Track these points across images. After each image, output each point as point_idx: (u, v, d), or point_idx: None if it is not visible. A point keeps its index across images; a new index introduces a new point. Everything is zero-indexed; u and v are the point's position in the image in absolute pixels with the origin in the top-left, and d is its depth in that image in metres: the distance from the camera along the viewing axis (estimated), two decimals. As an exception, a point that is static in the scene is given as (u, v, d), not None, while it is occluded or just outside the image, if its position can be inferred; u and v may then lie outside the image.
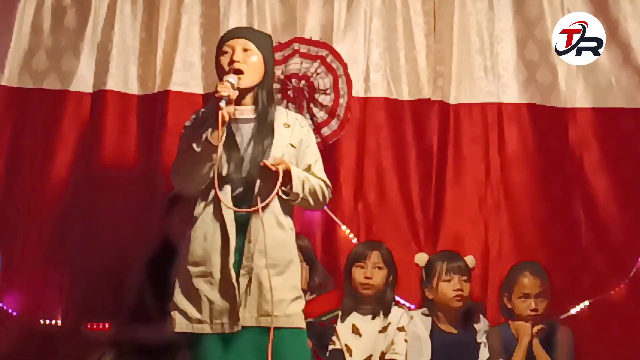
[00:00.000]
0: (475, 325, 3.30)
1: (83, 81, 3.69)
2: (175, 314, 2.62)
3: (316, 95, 3.61)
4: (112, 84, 3.66)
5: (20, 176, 3.63)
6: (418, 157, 3.68)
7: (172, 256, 3.13)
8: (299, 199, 2.65)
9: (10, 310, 3.53)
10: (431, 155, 3.68)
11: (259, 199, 2.59)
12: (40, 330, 3.54)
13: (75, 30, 3.71)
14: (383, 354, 3.27)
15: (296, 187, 2.61)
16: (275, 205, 2.63)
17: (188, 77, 3.66)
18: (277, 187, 2.57)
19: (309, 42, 3.71)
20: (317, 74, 3.62)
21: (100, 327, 3.45)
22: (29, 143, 3.64)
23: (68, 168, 3.64)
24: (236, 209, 2.61)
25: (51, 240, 3.62)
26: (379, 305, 3.23)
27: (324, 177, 2.76)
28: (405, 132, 3.70)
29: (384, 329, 3.18)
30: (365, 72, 3.70)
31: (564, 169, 3.63)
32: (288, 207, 2.70)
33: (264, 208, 2.60)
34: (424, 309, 3.29)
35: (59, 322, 3.55)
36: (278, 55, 3.57)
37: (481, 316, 3.32)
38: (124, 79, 3.67)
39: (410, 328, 3.25)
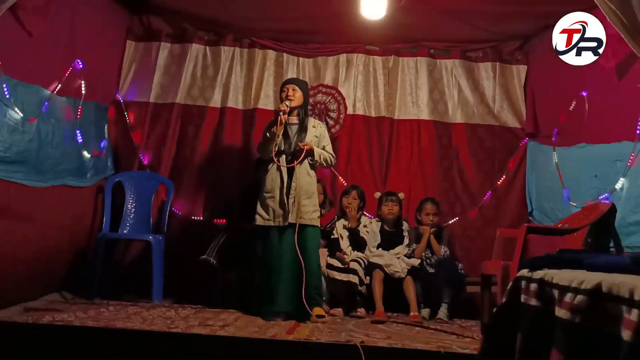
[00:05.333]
0: (402, 227, 4.57)
1: (216, 102, 5.07)
2: (257, 217, 3.80)
3: (329, 112, 4.99)
4: (230, 103, 5.06)
5: (183, 148, 5.01)
6: (379, 147, 5.01)
7: (256, 189, 4.12)
8: (318, 163, 3.76)
9: (177, 212, 4.96)
10: (385, 146, 5.00)
11: (295, 162, 3.56)
12: (191, 222, 4.95)
13: (212, 77, 5.13)
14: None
15: (316, 157, 3.68)
16: (306, 165, 3.74)
17: (267, 102, 5.07)
18: (303, 155, 3.64)
19: (327, 86, 5.08)
20: (330, 102, 5.00)
21: (221, 222, 4.67)
22: (189, 133, 5.04)
23: (207, 148, 5.01)
24: (285, 165, 3.57)
25: (198, 177, 4.99)
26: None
27: (332, 152, 3.87)
28: (372, 134, 5.03)
29: (357, 224, 4.54)
30: (353, 102, 5.06)
31: (450, 156, 5.03)
32: (314, 166, 3.80)
33: (299, 164, 3.55)
34: (377, 219, 4.61)
35: (200, 218, 4.94)
36: (311, 92, 4.82)
37: (405, 222, 4.62)
38: (235, 101, 5.07)
39: (370, 226, 4.55)
